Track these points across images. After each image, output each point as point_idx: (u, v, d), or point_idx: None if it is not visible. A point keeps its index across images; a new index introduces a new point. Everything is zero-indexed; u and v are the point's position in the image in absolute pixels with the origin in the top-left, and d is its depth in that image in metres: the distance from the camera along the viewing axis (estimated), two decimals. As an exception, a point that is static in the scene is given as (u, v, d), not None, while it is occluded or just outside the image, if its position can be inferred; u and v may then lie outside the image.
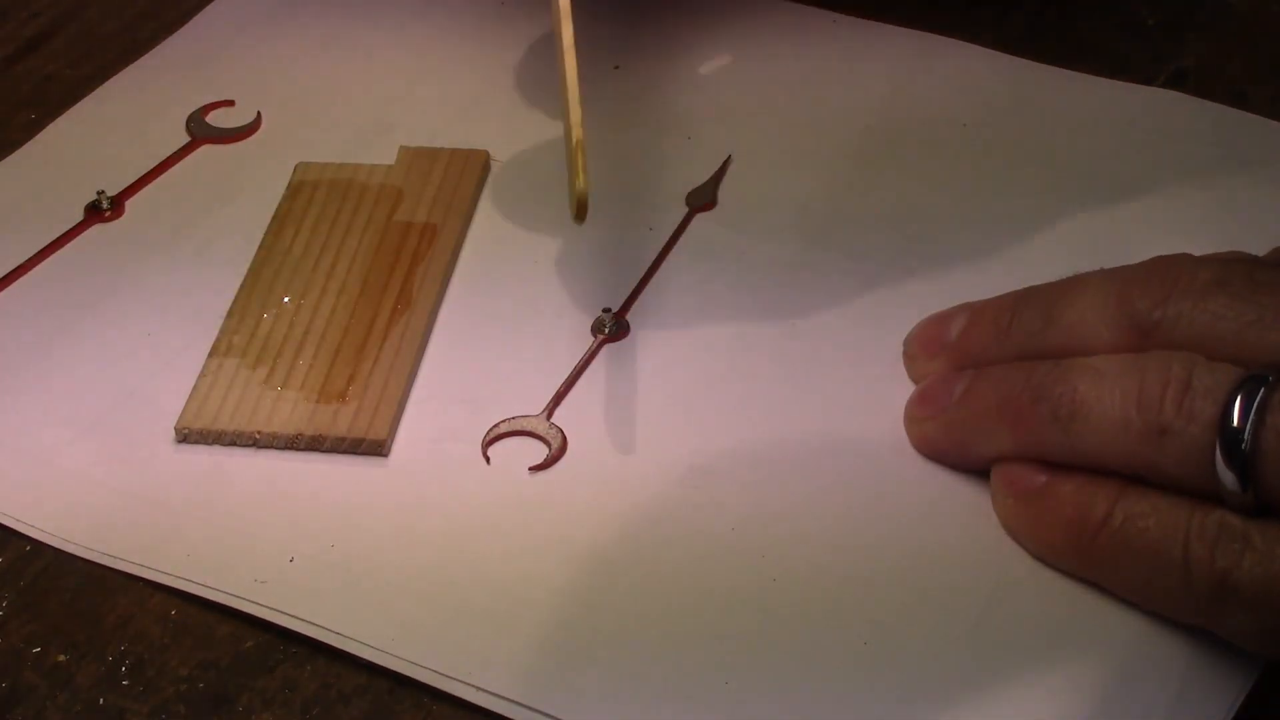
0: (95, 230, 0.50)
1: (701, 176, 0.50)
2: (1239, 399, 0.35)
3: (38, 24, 0.59)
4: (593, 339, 0.45)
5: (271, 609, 0.39)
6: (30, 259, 0.49)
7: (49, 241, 0.49)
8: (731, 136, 0.52)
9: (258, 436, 0.42)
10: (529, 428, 0.43)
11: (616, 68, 0.55)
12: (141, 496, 0.42)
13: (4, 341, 0.46)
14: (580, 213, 0.42)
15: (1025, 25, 0.56)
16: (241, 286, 0.47)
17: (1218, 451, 0.35)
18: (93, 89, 0.55)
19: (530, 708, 0.36)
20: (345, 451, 0.42)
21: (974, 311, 0.42)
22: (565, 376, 0.44)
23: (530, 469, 0.42)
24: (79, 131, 0.54)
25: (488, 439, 0.42)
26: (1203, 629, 0.36)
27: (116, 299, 0.47)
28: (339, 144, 0.52)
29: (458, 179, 0.50)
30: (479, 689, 0.37)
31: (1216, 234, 0.46)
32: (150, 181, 0.52)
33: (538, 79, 0.55)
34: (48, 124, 0.54)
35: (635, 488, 0.41)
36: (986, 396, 0.40)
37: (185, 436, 0.43)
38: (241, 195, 0.51)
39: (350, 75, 0.56)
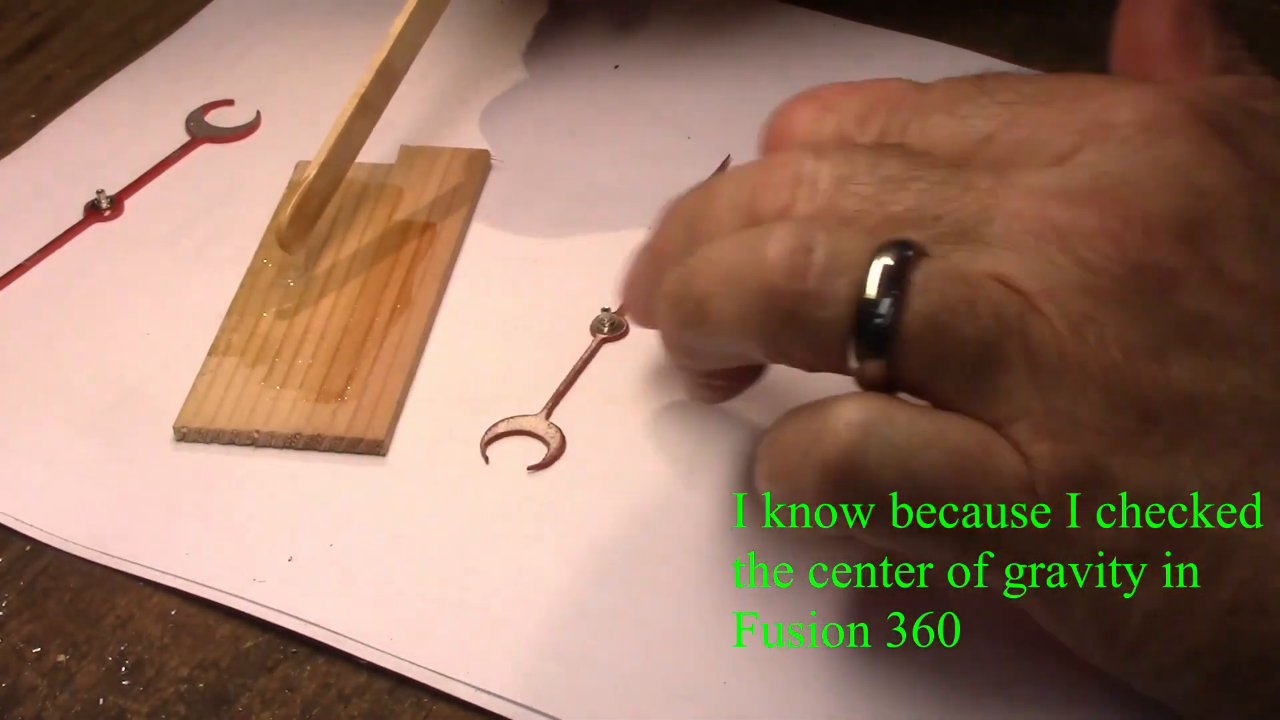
0: (95, 230, 0.50)
1: (701, 176, 0.50)
2: (879, 273, 0.31)
3: (38, 24, 0.59)
4: (592, 338, 0.45)
5: (271, 609, 0.39)
6: (30, 258, 0.49)
7: (49, 241, 0.49)
8: (731, 136, 0.52)
9: (256, 435, 0.42)
10: (528, 427, 0.43)
11: (616, 67, 0.55)
12: (141, 496, 0.42)
13: (4, 341, 0.46)
14: (281, 243, 0.46)
15: (1025, 27, 0.56)
16: (241, 286, 0.47)
17: (851, 337, 0.31)
18: (93, 89, 0.55)
19: (530, 708, 0.36)
20: (344, 451, 0.42)
21: (640, 254, 0.39)
22: (564, 376, 0.44)
23: (529, 469, 0.42)
24: (79, 131, 0.54)
25: (487, 438, 0.42)
26: None
27: (116, 298, 0.47)
28: (339, 144, 0.52)
29: (458, 179, 0.50)
30: (478, 689, 0.37)
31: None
32: (150, 181, 0.52)
33: (538, 79, 0.55)
34: (48, 124, 0.54)
35: (635, 487, 0.41)
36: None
37: (184, 435, 0.43)
38: (241, 195, 0.51)
39: (350, 75, 0.56)
